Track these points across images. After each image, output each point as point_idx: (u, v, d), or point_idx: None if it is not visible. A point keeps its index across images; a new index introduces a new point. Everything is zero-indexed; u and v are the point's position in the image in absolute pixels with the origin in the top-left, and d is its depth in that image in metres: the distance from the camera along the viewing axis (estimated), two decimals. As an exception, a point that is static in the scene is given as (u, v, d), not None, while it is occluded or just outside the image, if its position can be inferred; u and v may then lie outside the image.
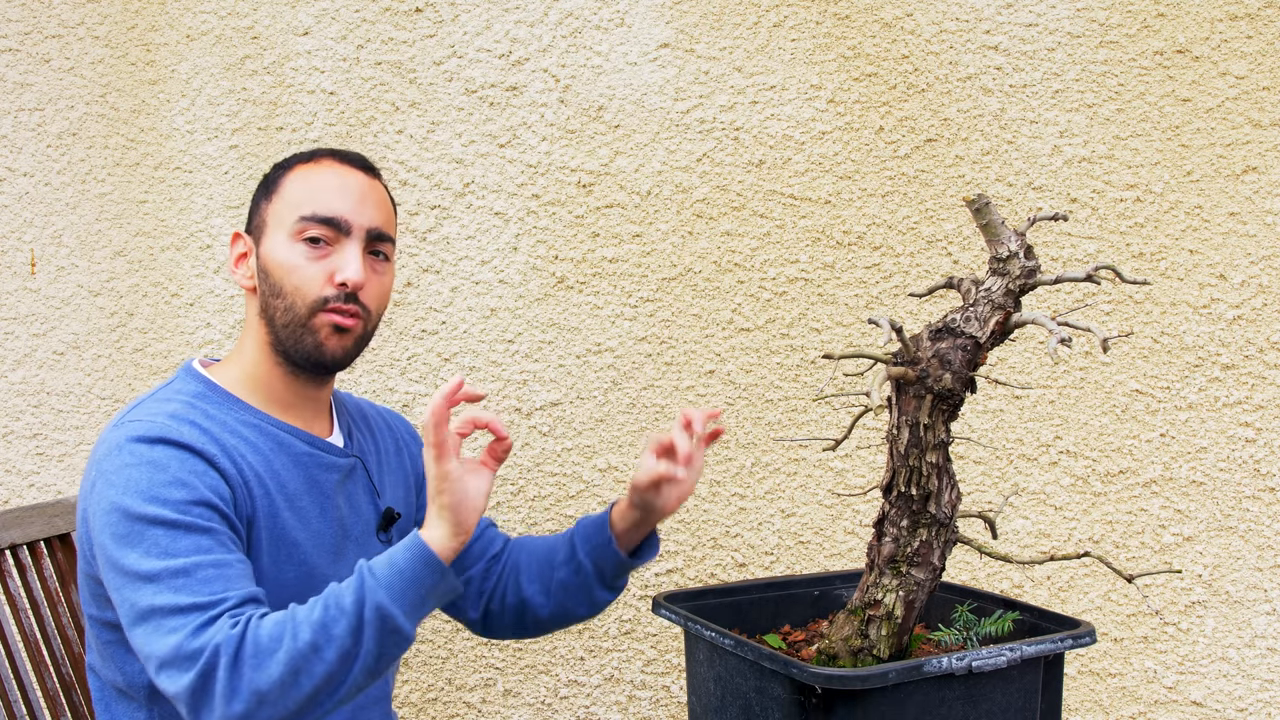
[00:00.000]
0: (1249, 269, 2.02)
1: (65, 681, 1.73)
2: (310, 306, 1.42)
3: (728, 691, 1.34)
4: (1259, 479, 2.03)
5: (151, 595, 1.25)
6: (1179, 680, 2.06)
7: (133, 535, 1.28)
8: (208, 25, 2.30)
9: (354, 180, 1.47)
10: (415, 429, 1.69)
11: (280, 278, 1.43)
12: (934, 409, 1.29)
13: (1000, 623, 1.39)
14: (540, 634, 1.67)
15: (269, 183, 1.49)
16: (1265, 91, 2.00)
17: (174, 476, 1.30)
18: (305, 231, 1.42)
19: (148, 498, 1.28)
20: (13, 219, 2.36)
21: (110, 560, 1.29)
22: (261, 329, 1.46)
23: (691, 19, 2.14)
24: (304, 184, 1.46)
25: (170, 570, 1.25)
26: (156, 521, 1.28)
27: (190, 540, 1.28)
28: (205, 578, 1.26)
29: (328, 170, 1.47)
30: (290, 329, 1.43)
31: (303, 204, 1.44)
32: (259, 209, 1.48)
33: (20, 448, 2.37)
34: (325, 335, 1.43)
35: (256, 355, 1.47)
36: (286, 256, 1.43)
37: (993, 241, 1.29)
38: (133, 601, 1.26)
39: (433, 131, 2.22)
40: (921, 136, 2.09)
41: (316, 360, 1.44)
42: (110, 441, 1.35)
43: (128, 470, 1.30)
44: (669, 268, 2.16)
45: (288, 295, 1.42)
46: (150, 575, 1.26)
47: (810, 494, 2.14)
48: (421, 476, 1.65)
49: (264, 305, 1.45)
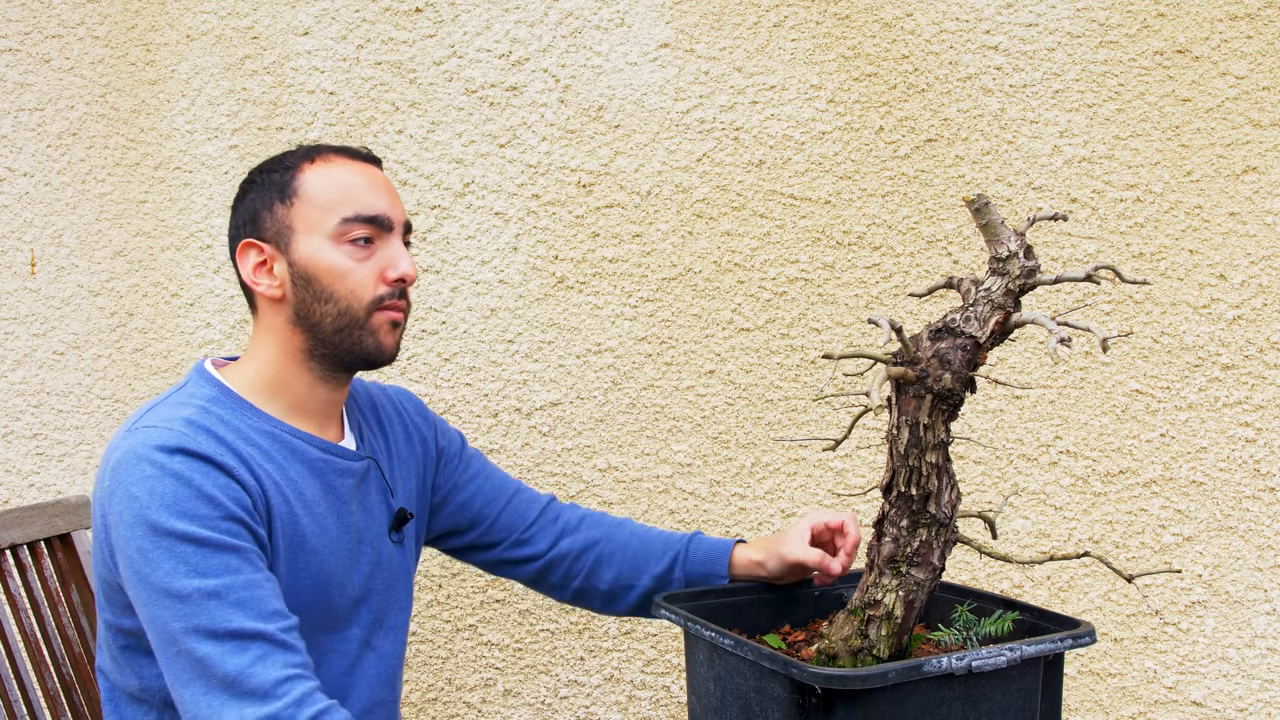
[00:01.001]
0: (1249, 269, 2.02)
1: (65, 681, 1.73)
2: (368, 307, 1.41)
3: (728, 691, 1.34)
4: (1259, 479, 2.03)
5: (185, 616, 1.24)
6: (1179, 680, 2.06)
7: (161, 551, 1.26)
8: (208, 25, 2.30)
9: (376, 175, 1.47)
10: (423, 404, 1.70)
11: (331, 283, 1.40)
12: (934, 409, 1.29)
13: (1000, 623, 1.39)
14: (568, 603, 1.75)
15: (278, 186, 1.44)
16: (1265, 91, 2.00)
17: (199, 491, 1.29)
18: (350, 233, 1.41)
19: (176, 513, 1.27)
20: (13, 219, 2.36)
21: (138, 574, 1.27)
22: (294, 336, 1.43)
23: (691, 19, 2.15)
24: (330, 184, 1.43)
25: (203, 591, 1.24)
26: (185, 538, 1.26)
27: (220, 559, 1.27)
28: (238, 600, 1.25)
29: (347, 168, 1.45)
30: (346, 332, 1.41)
31: (339, 205, 1.41)
32: (273, 214, 1.43)
33: (20, 448, 2.37)
34: (384, 333, 1.43)
35: (280, 361, 1.44)
36: (334, 260, 1.40)
37: (992, 241, 1.29)
38: (164, 621, 1.25)
39: (433, 131, 2.22)
40: (921, 136, 2.09)
41: (375, 358, 1.44)
42: (127, 448, 1.32)
43: (150, 482, 1.29)
44: (669, 268, 2.16)
45: (341, 299, 1.40)
46: (182, 595, 1.25)
47: (810, 494, 2.14)
48: (432, 457, 1.65)
49: (304, 312, 1.42)
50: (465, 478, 1.67)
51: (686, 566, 1.63)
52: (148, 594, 1.27)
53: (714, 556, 1.63)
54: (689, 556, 1.63)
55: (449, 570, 2.24)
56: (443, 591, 2.25)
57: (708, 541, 1.65)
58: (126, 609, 1.37)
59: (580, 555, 1.67)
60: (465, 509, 1.67)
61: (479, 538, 1.68)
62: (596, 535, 1.68)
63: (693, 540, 1.65)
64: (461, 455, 1.68)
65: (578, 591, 1.69)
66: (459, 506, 1.67)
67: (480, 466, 1.70)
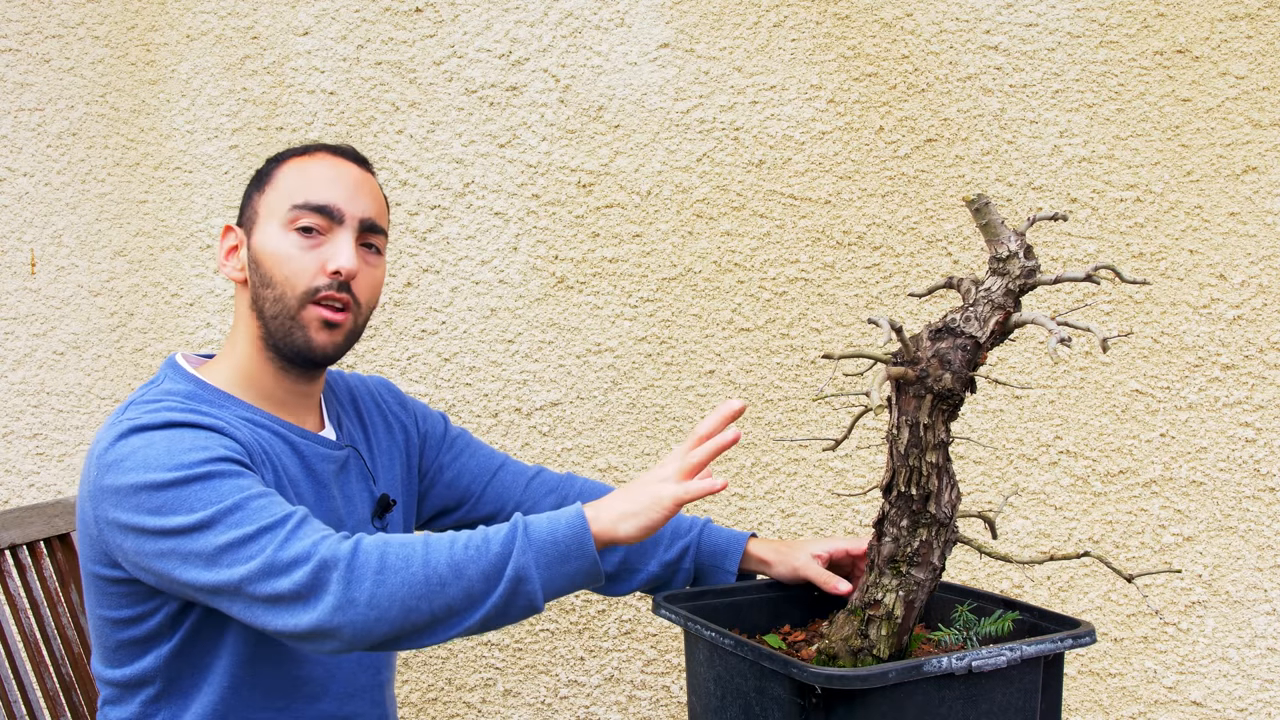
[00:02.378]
0: (1249, 269, 2.02)
1: (65, 681, 1.73)
2: (300, 297, 1.41)
3: (728, 691, 1.34)
4: (1259, 479, 2.03)
5: (214, 537, 1.24)
6: (1179, 680, 2.06)
7: (169, 501, 1.26)
8: (208, 25, 2.30)
9: (347, 171, 1.47)
10: (401, 392, 1.71)
11: (271, 268, 1.42)
12: (934, 409, 1.29)
13: (1000, 623, 1.38)
14: None
15: (261, 175, 1.49)
16: (1265, 91, 2.00)
17: (190, 444, 1.29)
18: (298, 220, 1.42)
19: (171, 466, 1.27)
20: (13, 219, 2.36)
21: (150, 535, 1.27)
22: (252, 323, 1.45)
23: (691, 19, 2.15)
24: (297, 175, 1.45)
25: (223, 510, 1.25)
26: (189, 480, 1.26)
27: (230, 483, 1.27)
28: (259, 506, 1.25)
29: (321, 161, 1.47)
30: (279, 321, 1.42)
31: (295, 193, 1.43)
32: (251, 201, 1.47)
33: (20, 448, 2.37)
34: (314, 330, 1.42)
35: (248, 350, 1.46)
36: (278, 246, 1.42)
37: (992, 241, 1.29)
38: (195, 552, 1.24)
39: (433, 131, 2.22)
40: (921, 136, 2.09)
41: (305, 355, 1.43)
42: (109, 438, 1.33)
43: (141, 452, 1.29)
44: (669, 268, 2.16)
45: (278, 285, 1.41)
46: (203, 522, 1.24)
47: (810, 494, 2.14)
48: (415, 444, 1.66)
49: (254, 297, 1.44)
50: (449, 457, 1.69)
51: (698, 557, 1.64)
52: (169, 544, 1.26)
53: (726, 551, 1.63)
54: (700, 548, 1.64)
55: (449, 570, 2.24)
56: (443, 591, 2.25)
57: (719, 533, 1.66)
58: (111, 599, 1.37)
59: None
60: (453, 486, 1.69)
61: (469, 513, 1.70)
62: None
63: (704, 531, 1.65)
64: (445, 436, 1.70)
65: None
66: (446, 485, 1.69)
67: (465, 444, 1.72)
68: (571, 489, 1.71)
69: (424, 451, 1.67)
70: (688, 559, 1.64)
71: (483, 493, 1.69)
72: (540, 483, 1.71)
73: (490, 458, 1.72)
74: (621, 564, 1.66)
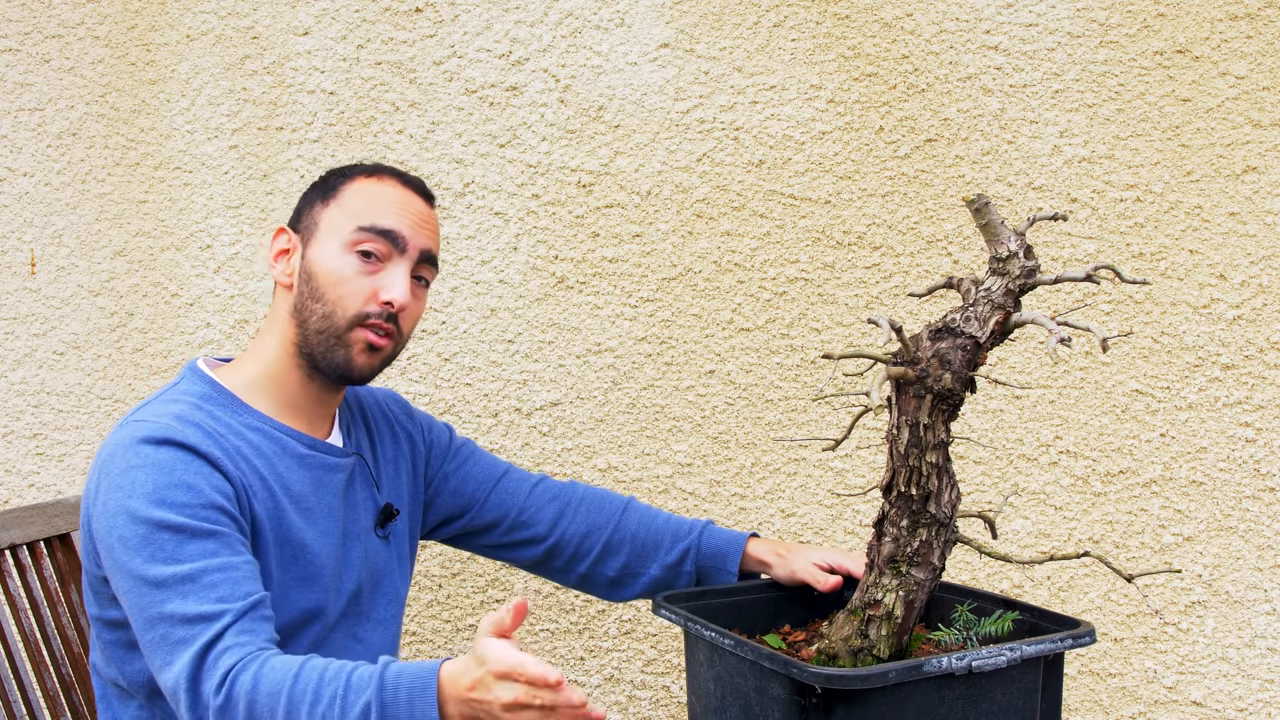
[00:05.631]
0: (1249, 269, 2.02)
1: (65, 681, 1.73)
2: (350, 320, 1.43)
3: (728, 691, 1.34)
4: (1259, 479, 2.03)
5: (160, 603, 1.26)
6: (1179, 680, 2.06)
7: (140, 540, 1.28)
8: (208, 25, 2.30)
9: (415, 202, 1.49)
10: (408, 403, 1.73)
11: (325, 285, 1.43)
12: (934, 409, 1.29)
13: (1000, 623, 1.39)
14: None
15: (327, 187, 1.49)
16: (1265, 91, 2.00)
17: (179, 479, 1.31)
18: (360, 243, 1.43)
19: (154, 501, 1.29)
20: (13, 219, 2.36)
21: (118, 564, 1.30)
22: (290, 327, 1.46)
23: (691, 19, 2.15)
24: (366, 196, 1.46)
25: (177, 577, 1.26)
26: (163, 526, 1.28)
27: (197, 545, 1.28)
28: (211, 583, 1.26)
29: (391, 187, 1.49)
30: (324, 337, 1.43)
31: (361, 214, 1.44)
32: (311, 210, 1.48)
33: (20, 448, 2.37)
34: (357, 351, 1.44)
35: (278, 353, 1.47)
36: (336, 265, 1.43)
37: (992, 241, 1.29)
38: (141, 607, 1.28)
39: (433, 131, 2.22)
40: (921, 136, 2.09)
41: (343, 373, 1.45)
42: (115, 442, 1.35)
43: (133, 473, 1.31)
44: (669, 268, 2.16)
45: (329, 303, 1.43)
46: (158, 582, 1.27)
47: (810, 494, 2.14)
48: (421, 454, 1.68)
49: (299, 306, 1.45)
50: (454, 466, 1.71)
51: (699, 559, 1.66)
52: (128, 583, 1.29)
53: (726, 553, 1.66)
54: (701, 550, 1.67)
55: (449, 570, 2.24)
56: (443, 591, 2.25)
57: (719, 534, 1.68)
58: (111, 601, 1.39)
59: (584, 539, 1.70)
60: (456, 495, 1.71)
61: (471, 521, 1.71)
62: (600, 520, 1.70)
63: (704, 533, 1.68)
64: (450, 446, 1.72)
65: (582, 577, 1.72)
66: (450, 494, 1.71)
67: (469, 453, 1.74)
68: (573, 496, 1.73)
69: (429, 461, 1.69)
70: (689, 561, 1.65)
71: (486, 500, 1.71)
72: (542, 490, 1.73)
73: (493, 466, 1.74)
74: (623, 569, 1.68)
